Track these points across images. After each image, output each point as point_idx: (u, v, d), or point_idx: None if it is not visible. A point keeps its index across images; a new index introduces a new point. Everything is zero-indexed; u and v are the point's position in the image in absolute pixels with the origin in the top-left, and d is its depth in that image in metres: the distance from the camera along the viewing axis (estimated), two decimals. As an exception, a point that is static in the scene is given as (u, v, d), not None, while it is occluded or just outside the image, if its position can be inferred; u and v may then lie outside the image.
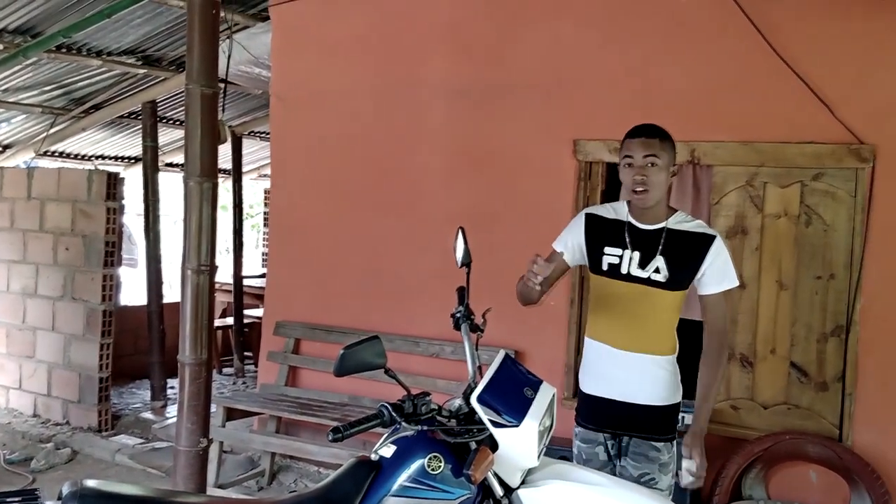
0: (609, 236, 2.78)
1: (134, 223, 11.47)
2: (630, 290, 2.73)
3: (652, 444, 2.74)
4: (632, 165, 2.68)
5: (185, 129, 3.88)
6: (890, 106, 3.88)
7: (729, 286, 2.74)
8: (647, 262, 2.71)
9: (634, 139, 2.71)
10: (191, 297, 3.65)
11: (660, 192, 2.69)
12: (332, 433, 2.05)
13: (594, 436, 2.86)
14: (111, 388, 6.06)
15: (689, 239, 2.71)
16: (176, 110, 7.79)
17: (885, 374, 3.90)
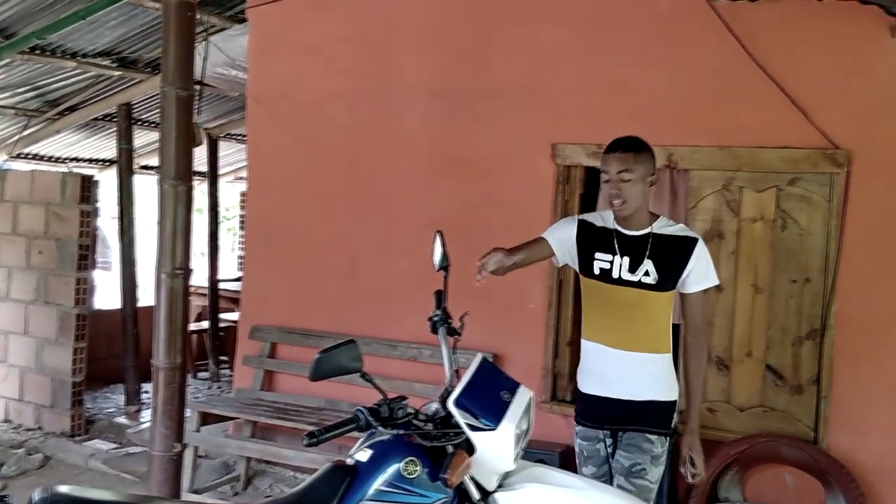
0: (599, 243, 2.90)
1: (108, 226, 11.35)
2: (622, 293, 2.84)
3: (646, 435, 2.81)
4: (608, 181, 2.81)
5: (160, 131, 3.86)
6: (865, 112, 3.92)
7: (710, 285, 2.89)
8: (636, 266, 2.82)
9: (609, 154, 2.83)
10: (165, 300, 3.62)
11: (636, 203, 2.80)
12: (307, 438, 2.03)
13: (594, 433, 2.93)
14: (84, 393, 5.98)
15: (673, 242, 2.84)
16: (151, 112, 7.72)
17: (860, 377, 3.93)
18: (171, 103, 3.70)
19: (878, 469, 3.86)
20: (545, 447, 4.22)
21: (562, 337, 4.62)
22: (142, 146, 8.53)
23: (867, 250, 3.91)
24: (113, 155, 8.10)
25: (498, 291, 4.64)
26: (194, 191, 3.98)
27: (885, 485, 3.85)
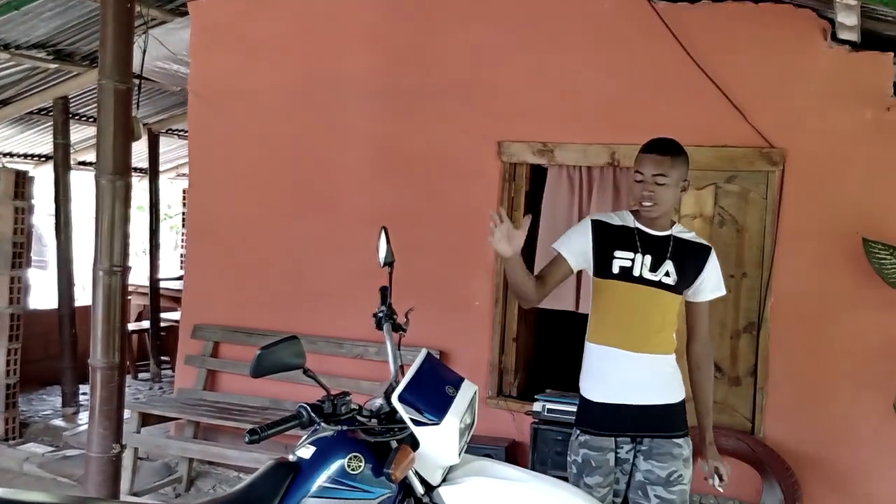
0: (618, 241, 2.81)
1: (44, 224, 11.03)
2: (642, 292, 2.77)
3: (674, 441, 2.76)
4: (641, 181, 2.73)
5: (97, 125, 3.77)
6: (799, 111, 4.04)
7: (720, 294, 2.88)
8: (658, 265, 2.77)
9: (646, 155, 2.75)
10: (103, 298, 3.55)
11: (666, 207, 2.77)
12: (248, 434, 2.00)
13: (606, 442, 2.78)
14: (19, 395, 5.80)
15: (690, 247, 2.83)
16: (89, 107, 7.52)
17: (794, 368, 4.05)
18: (109, 97, 3.63)
19: (811, 457, 3.99)
20: (492, 442, 4.25)
21: (508, 333, 4.66)
22: (79, 141, 8.29)
23: (800, 246, 4.03)
24: (49, 150, 7.87)
25: (444, 289, 4.68)
26: (133, 187, 3.91)
27: (819, 472, 3.98)
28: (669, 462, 2.73)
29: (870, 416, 3.92)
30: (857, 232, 3.85)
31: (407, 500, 2.28)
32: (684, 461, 2.75)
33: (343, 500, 2.16)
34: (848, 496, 3.98)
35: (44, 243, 11.57)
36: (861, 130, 3.95)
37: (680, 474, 2.74)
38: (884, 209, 3.91)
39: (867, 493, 3.94)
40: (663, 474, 2.73)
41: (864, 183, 3.95)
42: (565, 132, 4.46)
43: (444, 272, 4.71)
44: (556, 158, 4.49)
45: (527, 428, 4.13)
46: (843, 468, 3.98)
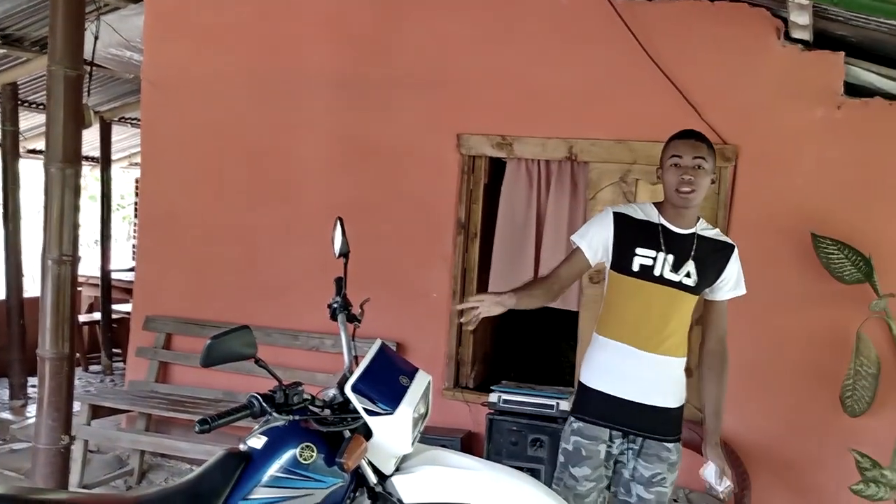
0: (641, 237, 2.72)
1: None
2: (661, 292, 2.69)
3: (665, 444, 2.74)
4: (679, 166, 2.64)
5: (47, 112, 3.70)
6: (751, 109, 4.11)
7: (740, 293, 2.82)
8: (679, 265, 2.69)
9: (684, 140, 2.69)
10: (52, 288, 3.49)
11: (702, 195, 2.68)
12: (199, 424, 1.97)
13: (599, 432, 2.74)
14: (-36, 388, 5.67)
15: (714, 246, 2.75)
16: (38, 93, 7.34)
17: (743, 359, 4.08)
18: (59, 83, 3.57)
19: (760, 448, 4.08)
20: (447, 433, 4.27)
21: (465, 325, 4.66)
22: (28, 129, 8.11)
23: (751, 240, 4.06)
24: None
25: (401, 281, 4.67)
26: (85, 176, 3.83)
27: (767, 462, 4.07)
28: (656, 464, 2.73)
29: (817, 408, 4.01)
30: (807, 227, 3.93)
31: (360, 489, 2.28)
32: (670, 465, 2.74)
33: (295, 490, 2.15)
34: (795, 485, 4.07)
35: (-8, 233, 11.28)
36: (812, 128, 4.03)
37: (663, 477, 2.73)
38: (833, 206, 3.99)
39: (813, 483, 4.04)
40: (647, 474, 2.73)
41: (814, 180, 4.04)
42: (524, 126, 4.48)
43: (401, 264, 4.70)
44: (514, 152, 4.51)
45: (483, 419, 4.15)
46: (791, 458, 4.07)
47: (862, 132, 3.96)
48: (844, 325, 3.88)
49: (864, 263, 3.79)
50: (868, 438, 3.80)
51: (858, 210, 3.97)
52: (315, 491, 2.16)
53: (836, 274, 3.84)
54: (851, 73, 4.00)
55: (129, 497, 2.34)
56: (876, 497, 3.61)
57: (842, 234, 3.86)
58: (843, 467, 3.79)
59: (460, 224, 4.62)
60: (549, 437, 3.88)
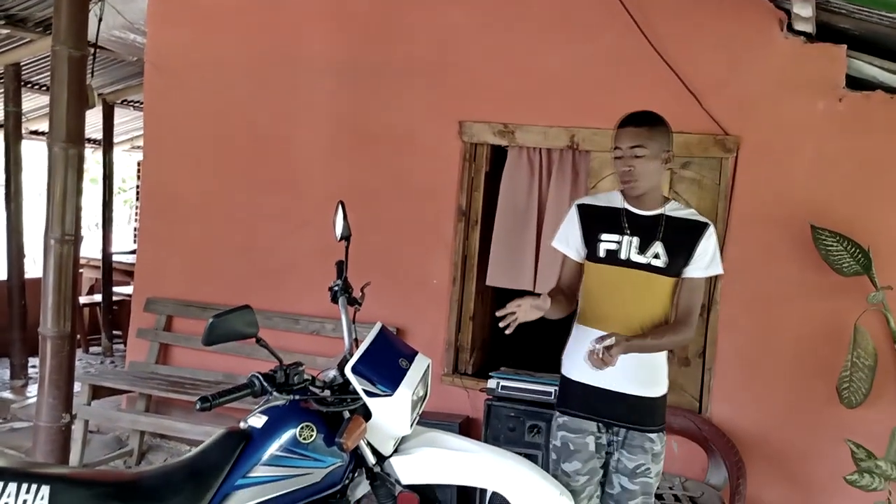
0: (605, 223, 2.71)
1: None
2: (630, 275, 2.66)
3: (648, 435, 2.68)
4: (619, 157, 2.62)
5: (51, 92, 3.71)
6: (754, 100, 4.11)
7: (714, 272, 2.71)
8: (646, 247, 2.65)
9: (623, 129, 2.64)
10: (54, 267, 3.51)
11: (648, 182, 2.62)
12: (200, 402, 2.00)
13: (586, 425, 2.71)
14: (-35, 367, 5.70)
15: (684, 225, 2.68)
16: (42, 74, 7.34)
17: (741, 349, 4.15)
18: (63, 63, 3.58)
19: (756, 437, 4.10)
20: (446, 418, 4.29)
21: (465, 312, 4.69)
22: (31, 110, 8.12)
23: (751, 232, 4.12)
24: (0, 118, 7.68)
25: (403, 267, 4.69)
26: (87, 159, 3.85)
27: (762, 451, 4.09)
28: (639, 455, 2.68)
29: (813, 398, 4.03)
30: (806, 219, 3.94)
31: (358, 469, 2.31)
32: (654, 456, 2.69)
33: (294, 469, 2.18)
34: (789, 474, 4.10)
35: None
36: (813, 121, 4.03)
37: (647, 468, 2.69)
38: (832, 198, 4.00)
39: (807, 472, 4.07)
40: (631, 466, 2.69)
41: (814, 172, 4.04)
42: (526, 114, 4.49)
43: (402, 250, 4.72)
44: (516, 140, 4.52)
45: (481, 405, 4.18)
46: (786, 448, 4.10)
47: (863, 125, 3.96)
48: (842, 317, 3.89)
49: (862, 256, 3.80)
50: (863, 430, 3.82)
51: (858, 202, 3.98)
52: (314, 470, 2.19)
53: (835, 266, 3.85)
54: (853, 67, 4.00)
55: (129, 473, 2.37)
56: (870, 488, 3.63)
57: (841, 227, 3.87)
58: (838, 458, 3.81)
59: (461, 211, 4.63)
60: (546, 423, 3.90)
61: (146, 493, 2.16)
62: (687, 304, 2.68)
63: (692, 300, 2.69)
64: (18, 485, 2.04)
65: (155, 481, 2.19)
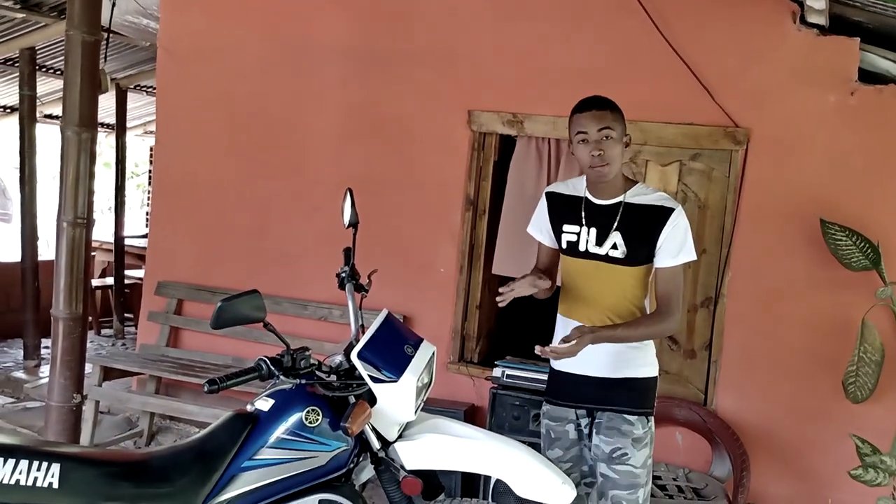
0: (567, 213, 2.67)
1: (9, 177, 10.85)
2: (590, 267, 2.62)
3: (624, 416, 2.58)
4: (587, 141, 2.51)
5: (64, 76, 3.74)
6: (765, 92, 4.10)
7: (685, 259, 2.58)
8: (603, 238, 2.59)
9: (585, 113, 2.53)
10: (66, 250, 3.55)
11: (617, 165, 2.55)
12: (208, 384, 2.03)
13: (564, 412, 2.69)
14: (-21, 347, 5.78)
15: (646, 212, 2.57)
16: (56, 59, 7.39)
17: (748, 342, 4.16)
18: (77, 47, 3.60)
19: (760, 430, 4.11)
20: (451, 406, 4.32)
21: (471, 300, 4.71)
22: (46, 94, 8.16)
23: (760, 225, 4.11)
24: (15, 102, 7.73)
25: (410, 255, 4.71)
26: (100, 143, 3.88)
27: (767, 444, 4.10)
28: (616, 438, 2.58)
29: (818, 392, 4.04)
30: (816, 213, 3.93)
31: (363, 454, 2.33)
32: (634, 440, 2.57)
33: (300, 452, 2.20)
34: (793, 468, 4.11)
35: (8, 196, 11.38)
36: (825, 114, 4.02)
37: (625, 453, 2.57)
38: (842, 192, 3.99)
39: (811, 466, 4.08)
40: (607, 450, 2.58)
41: (825, 166, 4.03)
42: (535, 104, 4.49)
43: (410, 238, 4.74)
44: (525, 129, 4.52)
45: (486, 393, 4.20)
46: (790, 441, 4.10)
47: (875, 119, 3.95)
48: (850, 312, 3.89)
49: (871, 250, 3.79)
50: (869, 425, 3.83)
51: (868, 197, 3.97)
52: (319, 454, 2.22)
53: (844, 260, 3.85)
54: (866, 60, 3.98)
55: (139, 453, 2.41)
56: (874, 482, 3.65)
57: (851, 221, 3.86)
58: (842, 452, 3.83)
59: (469, 200, 4.64)
60: (551, 412, 3.93)
61: (155, 473, 2.19)
62: (664, 294, 2.59)
63: (669, 289, 2.59)
64: (30, 462, 2.08)
65: (163, 462, 2.23)
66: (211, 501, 2.18)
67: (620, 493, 2.57)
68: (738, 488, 3.71)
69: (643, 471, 2.59)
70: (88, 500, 2.11)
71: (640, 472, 2.58)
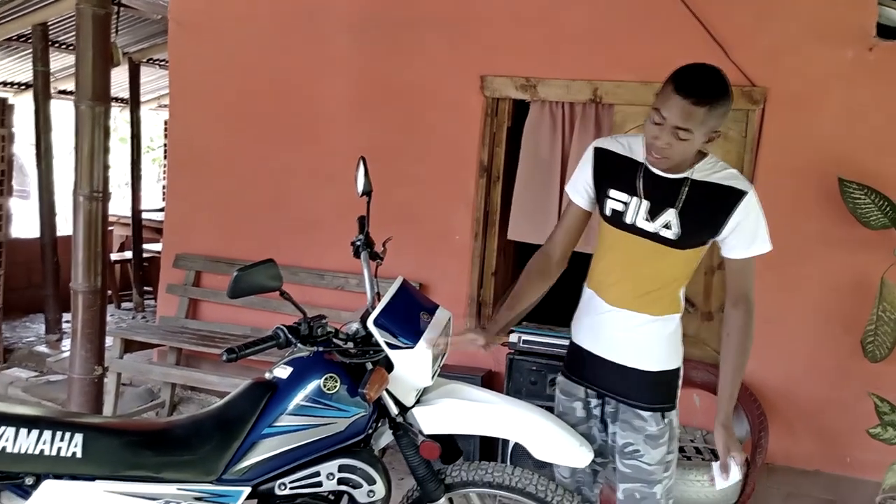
0: (618, 177, 2.33)
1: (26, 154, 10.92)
2: (633, 243, 2.32)
3: (637, 412, 2.38)
4: (660, 125, 2.14)
5: (76, 51, 3.74)
6: (781, 50, 4.04)
7: (759, 251, 2.31)
8: (657, 214, 2.27)
9: (677, 97, 2.11)
10: (83, 224, 3.58)
11: (680, 159, 2.20)
12: (226, 353, 2.05)
13: (574, 389, 2.51)
14: (3, 322, 5.85)
15: (714, 192, 2.24)
16: (69, 34, 7.37)
17: (765, 303, 4.06)
18: (88, 21, 3.60)
19: (777, 388, 4.12)
20: (469, 371, 4.35)
21: (487, 267, 4.72)
22: (59, 69, 8.18)
23: (777, 184, 4.06)
24: (29, 78, 7.74)
25: (425, 223, 4.71)
26: (115, 118, 3.89)
27: (783, 402, 4.11)
28: (629, 432, 2.40)
29: (836, 352, 4.03)
30: (834, 171, 3.89)
31: (381, 420, 2.36)
32: (647, 437, 2.37)
33: (319, 418, 2.23)
34: (811, 428, 4.12)
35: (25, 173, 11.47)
36: (842, 70, 3.95)
37: (637, 449, 2.39)
38: (861, 150, 3.94)
39: (829, 426, 4.08)
40: (621, 442, 2.42)
41: (843, 123, 3.98)
42: (549, 67, 4.45)
43: (424, 206, 4.74)
44: (538, 94, 4.48)
45: (503, 359, 4.22)
46: (808, 401, 4.11)
47: (894, 75, 3.88)
48: (868, 271, 3.86)
49: (890, 209, 3.75)
50: (887, 383, 3.82)
51: (887, 154, 3.91)
52: (338, 420, 2.24)
53: (863, 219, 3.81)
54: (884, 15, 3.91)
55: (160, 421, 2.44)
56: (893, 441, 3.63)
57: (869, 179, 3.81)
58: (861, 411, 3.82)
59: (483, 167, 4.63)
60: (568, 376, 3.94)
61: (176, 442, 2.23)
62: (739, 288, 2.34)
63: (743, 283, 2.34)
64: (53, 432, 2.12)
65: (184, 430, 2.27)
66: (232, 468, 2.22)
67: (632, 485, 2.43)
68: (756, 449, 3.71)
69: (659, 467, 2.40)
70: (111, 468, 2.15)
71: (655, 469, 2.39)
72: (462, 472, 2.42)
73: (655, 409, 2.38)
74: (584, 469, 2.51)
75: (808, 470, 4.14)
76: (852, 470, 4.06)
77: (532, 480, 2.37)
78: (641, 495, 2.42)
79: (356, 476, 2.27)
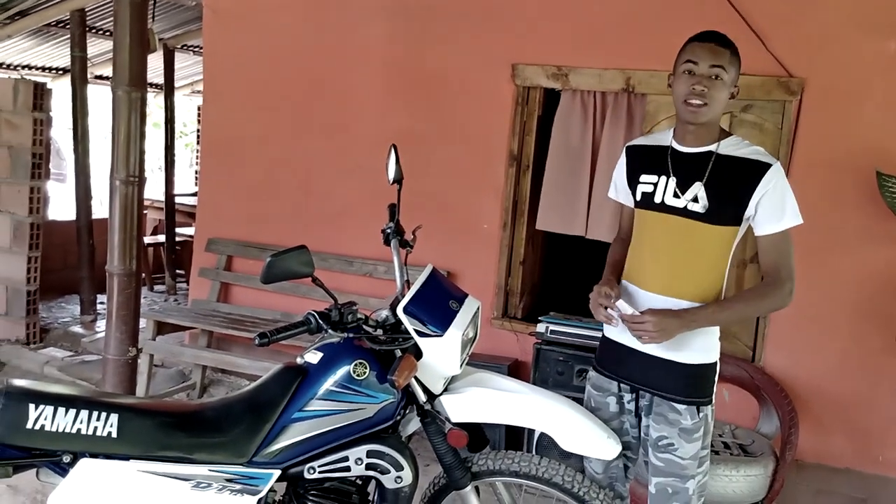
0: (647, 164, 2.40)
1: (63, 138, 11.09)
2: (664, 222, 2.34)
3: (672, 405, 2.35)
4: (692, 73, 2.23)
5: (113, 36, 3.78)
6: (820, 40, 3.97)
7: (790, 224, 2.30)
8: (684, 189, 2.30)
9: (703, 43, 2.25)
10: (119, 208, 3.63)
11: (717, 111, 2.27)
12: (258, 338, 2.07)
13: (607, 384, 2.49)
14: (39, 302, 5.97)
15: (739, 166, 2.27)
16: (106, 20, 7.46)
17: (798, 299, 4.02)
18: (125, 7, 3.64)
19: (808, 385, 4.07)
20: (495, 360, 4.36)
21: (515, 257, 4.71)
22: (96, 55, 8.28)
23: (813, 178, 4.01)
24: (66, 63, 7.86)
25: (454, 211, 4.72)
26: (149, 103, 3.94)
27: (814, 399, 4.07)
28: (663, 425, 2.37)
29: (870, 348, 3.97)
30: (872, 165, 3.82)
31: (409, 406, 2.37)
32: (682, 431, 2.34)
33: (348, 404, 2.25)
34: (842, 425, 4.07)
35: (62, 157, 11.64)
36: (883, 62, 3.88)
37: (671, 443, 2.36)
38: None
39: (861, 423, 4.03)
40: (654, 436, 2.39)
41: (882, 116, 3.91)
42: (580, 56, 4.42)
43: (453, 194, 4.74)
44: (570, 83, 4.46)
45: (530, 348, 4.22)
46: (840, 398, 4.06)
47: (936, 67, 3.81)
48: (905, 267, 3.81)
49: (928, 204, 3.69)
50: (921, 381, 3.78)
51: (927, 149, 3.85)
52: (367, 405, 2.26)
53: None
54: (928, 6, 3.83)
55: (193, 403, 2.48)
56: (925, 439, 3.60)
57: (908, 173, 3.76)
58: (893, 408, 3.78)
59: (512, 156, 4.61)
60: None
61: (208, 424, 2.26)
62: (771, 263, 2.32)
63: (775, 258, 2.32)
64: (90, 412, 2.16)
65: (216, 413, 2.30)
66: (262, 451, 2.25)
67: (665, 479, 2.39)
68: (786, 445, 3.68)
69: (692, 462, 2.36)
70: (145, 448, 2.19)
71: (689, 464, 2.36)
72: (489, 460, 2.43)
73: (691, 402, 2.35)
74: (616, 464, 2.52)
75: (838, 468, 4.09)
76: (884, 468, 4.02)
77: (559, 471, 2.37)
78: (674, 490, 2.38)
79: (384, 462, 2.29)
